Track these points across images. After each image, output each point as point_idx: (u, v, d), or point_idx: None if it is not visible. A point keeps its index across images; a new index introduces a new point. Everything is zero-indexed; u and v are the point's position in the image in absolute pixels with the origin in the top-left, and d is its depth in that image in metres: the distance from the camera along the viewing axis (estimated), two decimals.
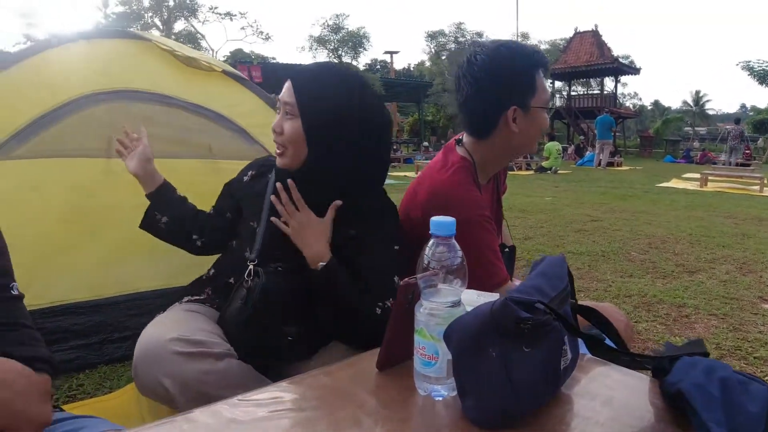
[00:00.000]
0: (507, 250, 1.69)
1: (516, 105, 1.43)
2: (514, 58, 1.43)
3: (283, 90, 1.40)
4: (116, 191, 2.32)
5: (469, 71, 1.44)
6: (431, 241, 0.81)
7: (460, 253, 0.80)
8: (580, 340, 0.86)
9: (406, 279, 0.83)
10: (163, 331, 1.27)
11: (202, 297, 1.52)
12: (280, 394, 0.87)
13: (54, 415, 1.03)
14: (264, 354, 1.35)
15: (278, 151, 1.40)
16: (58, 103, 2.24)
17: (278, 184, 1.38)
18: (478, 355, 0.71)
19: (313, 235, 1.36)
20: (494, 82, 1.42)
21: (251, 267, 1.37)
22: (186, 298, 1.51)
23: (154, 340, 1.25)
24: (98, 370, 2.18)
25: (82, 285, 2.22)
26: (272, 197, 1.40)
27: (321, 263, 1.32)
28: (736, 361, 2.42)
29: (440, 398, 0.82)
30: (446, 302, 0.80)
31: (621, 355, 0.90)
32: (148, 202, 1.76)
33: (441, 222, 0.80)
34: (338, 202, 1.38)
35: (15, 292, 0.99)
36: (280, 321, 1.34)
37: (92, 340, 2.21)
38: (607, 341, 0.93)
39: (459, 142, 1.57)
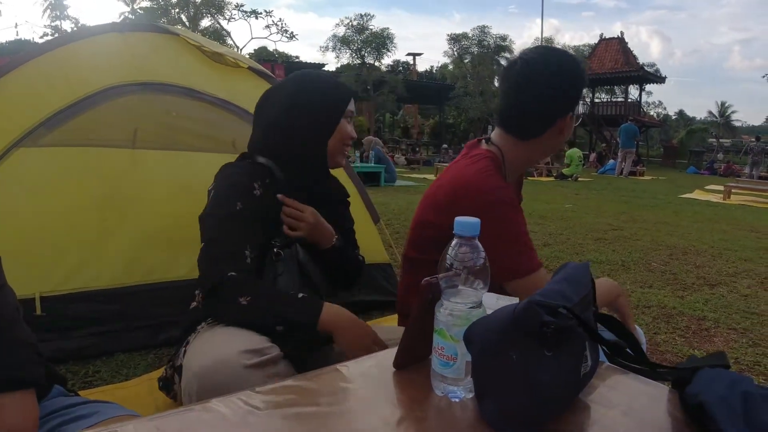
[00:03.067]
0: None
1: (572, 112, 1.49)
2: (578, 66, 1.48)
3: (353, 104, 1.61)
4: (141, 182, 2.35)
5: (533, 72, 1.44)
6: (454, 241, 0.81)
7: (483, 254, 0.80)
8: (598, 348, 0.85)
9: (428, 278, 0.83)
10: (227, 347, 1.21)
11: None
12: (296, 388, 0.87)
13: (70, 400, 1.04)
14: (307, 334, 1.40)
15: (347, 152, 1.64)
16: (87, 93, 2.28)
17: (280, 196, 1.52)
18: (498, 357, 0.70)
19: (320, 223, 1.56)
20: (562, 86, 1.45)
21: (275, 249, 1.47)
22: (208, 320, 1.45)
23: (225, 356, 1.19)
24: (115, 358, 2.20)
25: (105, 273, 2.25)
26: (284, 209, 1.52)
27: (335, 237, 1.60)
28: (756, 377, 2.37)
29: (457, 399, 0.82)
30: (468, 303, 0.80)
31: (641, 364, 0.89)
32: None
33: (465, 222, 0.80)
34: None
35: None
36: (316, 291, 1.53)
37: (111, 327, 2.24)
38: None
39: (487, 140, 1.57)
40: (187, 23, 27.89)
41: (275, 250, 1.46)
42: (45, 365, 0.91)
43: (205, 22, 29.37)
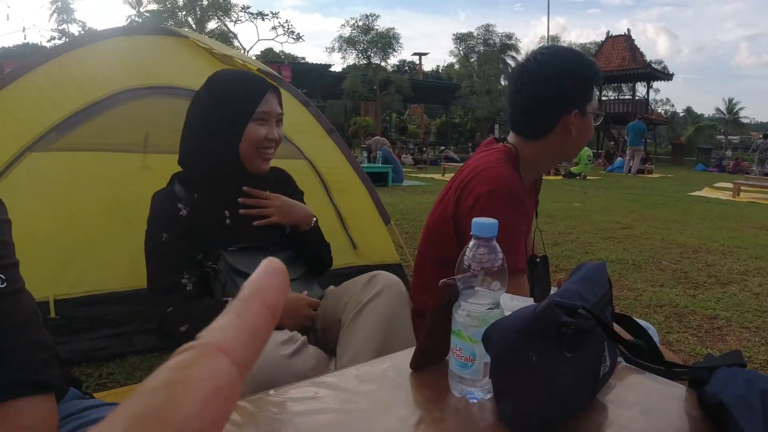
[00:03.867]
0: (538, 260, 1.65)
1: (578, 109, 1.46)
2: (581, 63, 1.47)
3: (274, 103, 1.52)
4: (152, 186, 2.36)
5: (534, 70, 1.46)
6: (472, 242, 0.81)
7: (500, 255, 0.80)
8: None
9: (445, 280, 0.83)
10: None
11: None
12: (313, 390, 0.87)
13: (85, 402, 1.05)
14: None
15: (269, 156, 1.55)
16: (98, 98, 2.30)
17: (245, 188, 1.53)
18: (517, 358, 0.70)
19: (293, 205, 1.58)
20: (562, 83, 1.45)
21: (207, 267, 1.47)
22: None
23: (266, 351, 1.24)
24: (128, 360, 2.22)
25: (117, 275, 2.27)
26: (244, 200, 1.52)
27: (314, 218, 1.63)
28: None
29: (475, 400, 0.82)
30: (485, 304, 0.80)
31: (658, 363, 0.89)
32: None
33: (482, 223, 0.80)
34: None
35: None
36: None
37: (124, 329, 2.25)
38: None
39: (502, 140, 1.59)
40: (193, 26, 28.00)
41: (207, 268, 1.45)
42: (63, 368, 0.92)
43: (212, 25, 29.49)
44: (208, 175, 1.49)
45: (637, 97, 29.81)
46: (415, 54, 44.55)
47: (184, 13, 28.25)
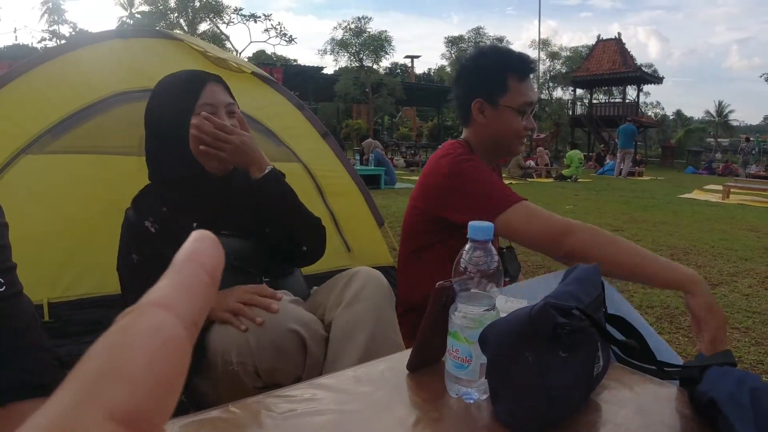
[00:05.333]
0: (504, 249, 1.73)
1: (481, 98, 1.59)
2: (485, 56, 1.63)
3: (220, 93, 1.46)
4: None
5: (458, 67, 1.72)
6: (468, 245, 0.82)
7: (496, 258, 0.81)
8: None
9: (441, 282, 0.85)
10: (304, 313, 1.32)
11: None
12: (312, 391, 0.88)
13: None
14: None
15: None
16: (93, 100, 2.29)
17: (204, 114, 1.36)
18: (514, 359, 0.72)
19: (252, 144, 1.41)
20: (466, 75, 1.65)
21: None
22: None
23: (311, 318, 1.31)
24: None
25: (112, 279, 2.25)
26: (204, 117, 1.36)
27: (269, 166, 1.43)
28: (759, 375, 2.39)
29: (471, 401, 0.83)
30: (482, 306, 0.81)
31: (651, 363, 0.91)
32: None
33: (478, 226, 0.81)
34: None
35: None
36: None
37: None
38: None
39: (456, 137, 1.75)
40: (185, 27, 27.92)
41: None
42: (63, 371, 0.92)
43: (204, 26, 29.40)
44: (171, 186, 1.42)
45: (627, 101, 29.99)
46: (407, 57, 44.68)
47: (175, 15, 28.15)
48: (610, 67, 28.25)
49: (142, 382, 0.16)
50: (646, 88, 32.78)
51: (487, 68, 1.60)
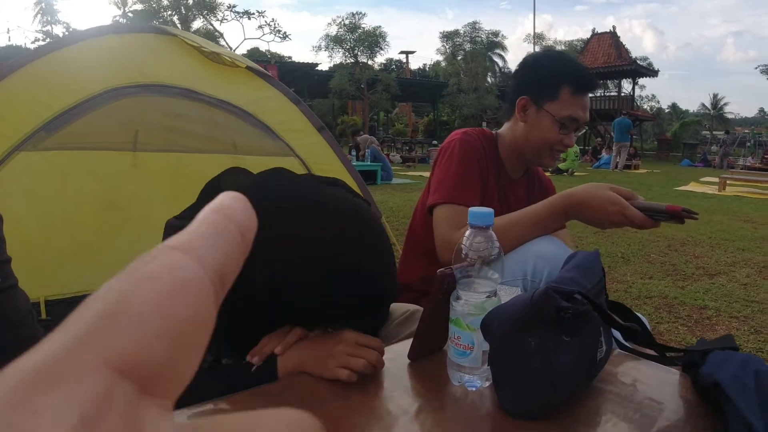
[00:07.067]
0: None
1: (529, 97, 1.54)
2: (549, 57, 1.60)
3: None
4: (142, 184, 2.36)
5: (521, 61, 1.66)
6: (468, 231, 0.82)
7: (497, 244, 0.81)
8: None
9: (442, 269, 0.84)
10: None
11: None
12: (314, 380, 0.88)
13: None
14: None
15: None
16: (86, 96, 2.28)
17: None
18: (517, 344, 0.71)
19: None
20: (524, 71, 1.60)
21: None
22: None
23: None
24: None
25: (108, 275, 2.24)
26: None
27: None
28: None
29: (474, 388, 0.83)
30: (483, 293, 0.81)
31: (653, 348, 0.90)
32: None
33: (479, 212, 0.81)
34: None
35: None
36: None
37: None
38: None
39: None
40: (178, 25, 27.82)
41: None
42: None
43: (197, 24, 29.30)
44: None
45: (622, 94, 30.04)
46: (402, 52, 44.58)
47: (169, 12, 28.04)
48: (605, 60, 28.26)
49: (149, 327, 0.14)
50: (641, 81, 32.93)
51: (545, 69, 1.55)
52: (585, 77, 1.54)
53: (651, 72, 30.16)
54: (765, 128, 38.17)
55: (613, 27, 30.25)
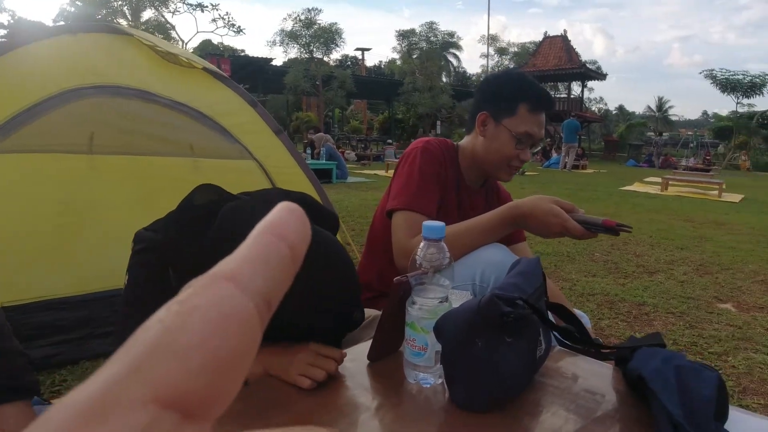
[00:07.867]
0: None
1: (488, 112, 1.61)
2: (509, 76, 1.70)
3: None
4: (99, 187, 2.34)
5: (483, 78, 1.78)
6: (422, 243, 0.89)
7: (448, 254, 0.89)
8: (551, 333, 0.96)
9: (399, 277, 0.91)
10: None
11: None
12: (280, 382, 0.94)
13: (45, 409, 1.06)
14: None
15: None
16: (41, 98, 2.25)
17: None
18: (466, 345, 0.79)
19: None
20: (485, 87, 1.68)
21: None
22: None
23: None
24: (81, 366, 2.18)
25: (67, 280, 2.22)
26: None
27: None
28: (692, 356, 2.57)
29: (428, 385, 0.90)
30: (436, 298, 0.89)
31: (588, 345, 1.00)
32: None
33: (432, 226, 0.88)
34: None
35: None
36: None
37: (76, 335, 2.21)
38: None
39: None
40: (129, 15, 27.04)
41: None
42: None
43: (148, 14, 28.51)
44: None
45: (572, 96, 30.93)
46: (357, 49, 44.51)
47: (120, 2, 27.18)
48: (556, 63, 29.01)
49: (194, 361, 0.14)
50: (590, 84, 33.87)
51: (506, 86, 1.63)
52: (542, 97, 1.64)
53: (600, 75, 31.13)
54: (707, 130, 39.94)
55: (564, 31, 31.03)
